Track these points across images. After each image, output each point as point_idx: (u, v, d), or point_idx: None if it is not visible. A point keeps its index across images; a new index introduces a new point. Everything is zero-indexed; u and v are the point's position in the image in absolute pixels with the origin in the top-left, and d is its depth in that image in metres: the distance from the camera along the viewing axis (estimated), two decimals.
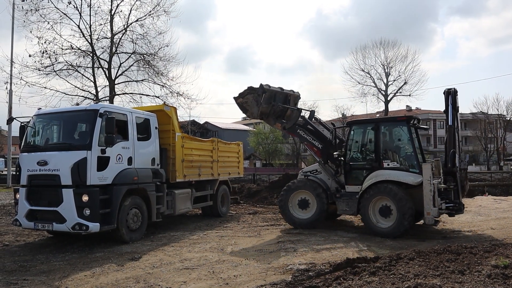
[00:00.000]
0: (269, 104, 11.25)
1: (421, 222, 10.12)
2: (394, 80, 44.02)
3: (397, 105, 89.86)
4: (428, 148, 70.81)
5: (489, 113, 57.18)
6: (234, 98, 11.43)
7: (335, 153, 10.88)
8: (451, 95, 9.93)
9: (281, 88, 11.75)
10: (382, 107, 45.80)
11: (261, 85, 11.08)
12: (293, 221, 10.94)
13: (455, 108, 9.93)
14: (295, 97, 12.35)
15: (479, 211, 13.73)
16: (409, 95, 43.44)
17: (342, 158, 10.73)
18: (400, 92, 43.78)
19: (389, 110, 45.46)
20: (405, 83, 43.46)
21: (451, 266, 5.68)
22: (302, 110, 12.28)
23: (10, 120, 10.24)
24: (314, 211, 10.73)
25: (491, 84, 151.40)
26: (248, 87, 11.25)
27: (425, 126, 11.96)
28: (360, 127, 10.90)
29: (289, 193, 11.09)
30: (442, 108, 10.20)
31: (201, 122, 65.02)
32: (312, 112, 12.03)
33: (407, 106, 61.86)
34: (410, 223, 9.44)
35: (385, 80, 44.25)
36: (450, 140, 9.86)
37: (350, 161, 10.62)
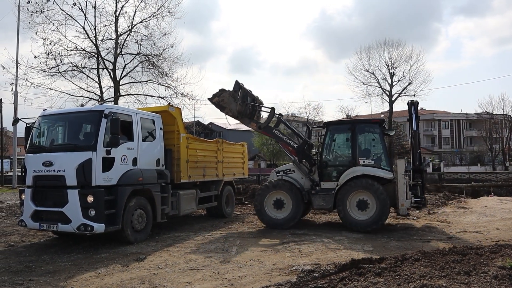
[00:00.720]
0: (243, 103, 11.44)
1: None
2: (399, 81, 43.82)
3: (401, 105, 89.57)
4: (433, 148, 70.59)
5: (494, 113, 56.87)
6: (209, 99, 11.57)
7: (312, 151, 11.58)
8: (414, 105, 11.24)
9: (250, 91, 11.97)
10: (386, 108, 45.71)
11: (236, 81, 11.37)
12: (270, 221, 11.13)
13: (417, 117, 11.27)
14: (260, 102, 12.50)
15: (484, 212, 13.65)
16: (414, 96, 43.06)
17: (317, 158, 11.33)
18: (405, 93, 43.55)
19: (394, 110, 45.31)
20: (409, 83, 43.22)
21: (457, 267, 5.66)
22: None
23: (16, 121, 10.31)
24: (290, 210, 10.99)
25: (496, 84, 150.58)
26: (220, 89, 11.51)
27: (391, 133, 13.17)
28: (337, 127, 11.80)
29: (264, 194, 11.30)
30: (447, 108, 11.02)
31: (206, 123, 65.00)
32: (272, 109, 12.03)
33: None
34: (387, 216, 10.34)
35: (389, 81, 44.06)
36: (415, 142, 11.22)
37: (327, 159, 11.27)
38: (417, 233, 9.92)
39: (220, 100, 11.36)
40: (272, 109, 11.88)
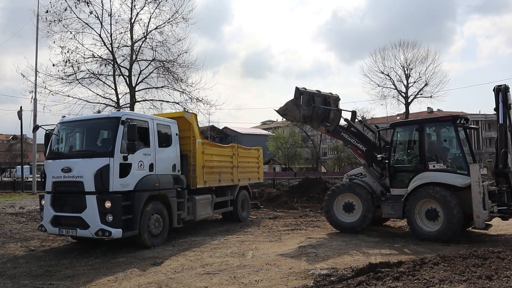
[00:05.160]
0: (309, 107, 11.22)
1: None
2: (415, 82, 43.35)
3: (418, 107, 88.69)
4: None
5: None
6: (276, 110, 11.54)
7: (379, 155, 10.67)
8: (501, 91, 9.32)
9: (318, 91, 11.72)
10: (402, 109, 45.13)
11: (296, 88, 11.15)
12: (338, 224, 10.88)
13: (507, 106, 9.31)
14: (335, 98, 12.19)
15: None
16: (430, 97, 42.65)
17: (386, 161, 10.50)
18: (421, 94, 43.05)
19: (410, 112, 44.74)
20: (426, 84, 42.72)
21: (478, 271, 5.53)
22: (343, 111, 12.06)
23: (35, 128, 10.53)
24: (359, 214, 10.57)
25: None
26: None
27: (474, 126, 11.41)
28: (404, 128, 10.71)
29: (333, 196, 11.02)
30: (465, 109, 10.23)
31: (220, 127, 65.38)
32: (353, 113, 11.89)
33: (428, 107, 60.87)
34: (459, 227, 9.06)
35: (405, 82, 43.63)
36: (501, 139, 9.24)
37: (395, 164, 10.40)
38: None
39: (284, 108, 11.32)
40: (339, 110, 11.56)
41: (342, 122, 11.80)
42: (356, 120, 12.12)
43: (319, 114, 11.42)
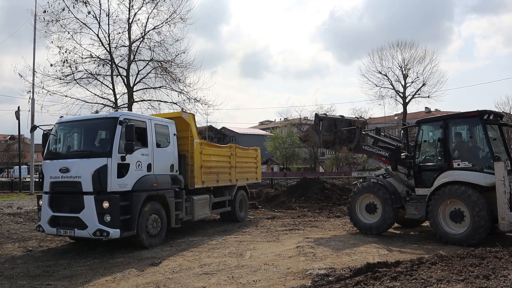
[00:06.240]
0: (330, 132, 11.51)
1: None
2: (412, 82, 43.25)
3: (416, 107, 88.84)
4: None
5: (511, 113, 55.86)
6: (298, 136, 12.03)
7: (403, 154, 10.53)
8: None
9: (342, 116, 12.15)
10: (400, 110, 45.13)
11: (316, 114, 11.74)
12: (359, 225, 10.76)
13: None
14: (361, 122, 12.44)
15: None
16: (428, 97, 42.60)
17: (411, 160, 10.22)
18: (419, 94, 42.98)
19: (408, 112, 44.79)
20: (423, 84, 42.64)
21: (475, 270, 5.55)
22: (363, 128, 12.21)
23: (33, 128, 10.53)
24: (380, 215, 10.37)
25: None
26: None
27: (507, 122, 10.75)
28: (429, 125, 10.31)
29: (356, 196, 10.92)
30: (463, 109, 10.07)
31: (218, 128, 65.34)
32: (377, 130, 11.97)
33: (426, 107, 60.81)
34: (487, 231, 8.54)
35: (403, 82, 43.62)
36: None
37: (420, 162, 10.05)
38: (434, 236, 9.50)
39: (305, 135, 11.79)
40: (357, 128, 11.57)
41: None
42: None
43: (343, 138, 11.61)
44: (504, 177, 8.24)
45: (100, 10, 21.31)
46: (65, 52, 20.78)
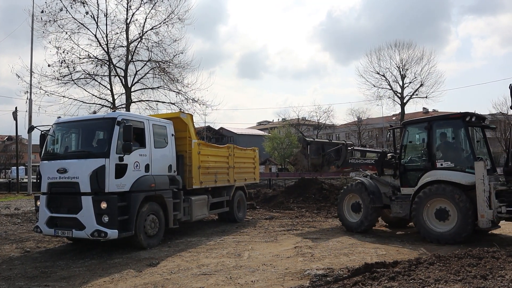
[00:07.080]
0: (318, 155, 11.90)
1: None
2: (410, 82, 43.33)
3: (413, 107, 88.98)
4: None
5: (509, 113, 55.94)
6: (288, 161, 12.35)
7: (388, 154, 10.94)
8: None
9: (329, 139, 12.84)
10: (398, 110, 45.18)
11: (304, 139, 12.20)
12: (344, 223, 11.18)
13: None
14: (349, 144, 12.71)
15: None
16: (426, 97, 42.68)
17: (397, 161, 10.53)
18: (417, 94, 43.05)
19: (406, 112, 44.86)
20: (421, 85, 42.72)
21: (473, 270, 5.57)
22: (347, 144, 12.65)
23: (31, 128, 10.49)
24: (361, 214, 10.78)
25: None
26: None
27: (489, 125, 10.94)
28: (414, 127, 10.59)
29: (342, 196, 11.32)
30: (461, 110, 10.09)
31: (216, 128, 65.34)
32: (362, 146, 12.73)
33: (423, 108, 60.99)
34: (473, 228, 8.78)
35: (400, 83, 43.69)
36: None
37: (405, 163, 10.34)
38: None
39: (294, 159, 12.25)
40: (343, 145, 12.13)
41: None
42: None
43: (331, 160, 12.09)
44: (483, 176, 8.50)
45: (98, 10, 21.32)
46: (63, 52, 20.77)
